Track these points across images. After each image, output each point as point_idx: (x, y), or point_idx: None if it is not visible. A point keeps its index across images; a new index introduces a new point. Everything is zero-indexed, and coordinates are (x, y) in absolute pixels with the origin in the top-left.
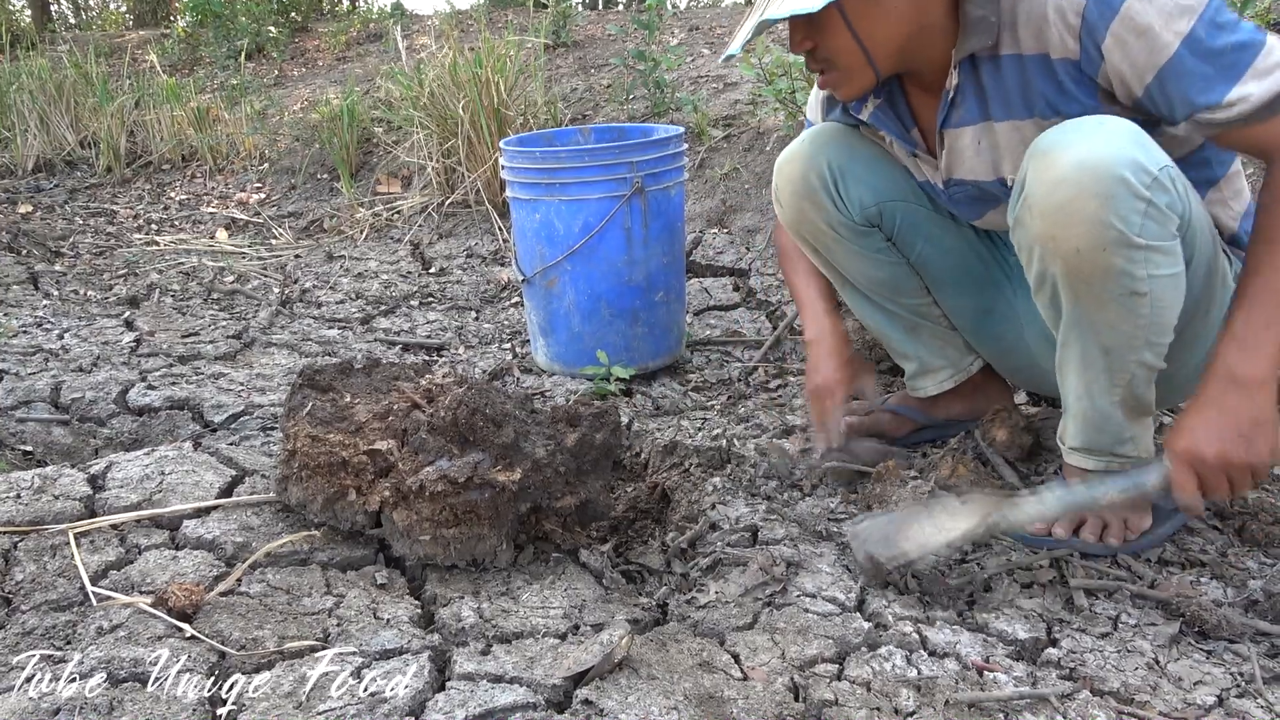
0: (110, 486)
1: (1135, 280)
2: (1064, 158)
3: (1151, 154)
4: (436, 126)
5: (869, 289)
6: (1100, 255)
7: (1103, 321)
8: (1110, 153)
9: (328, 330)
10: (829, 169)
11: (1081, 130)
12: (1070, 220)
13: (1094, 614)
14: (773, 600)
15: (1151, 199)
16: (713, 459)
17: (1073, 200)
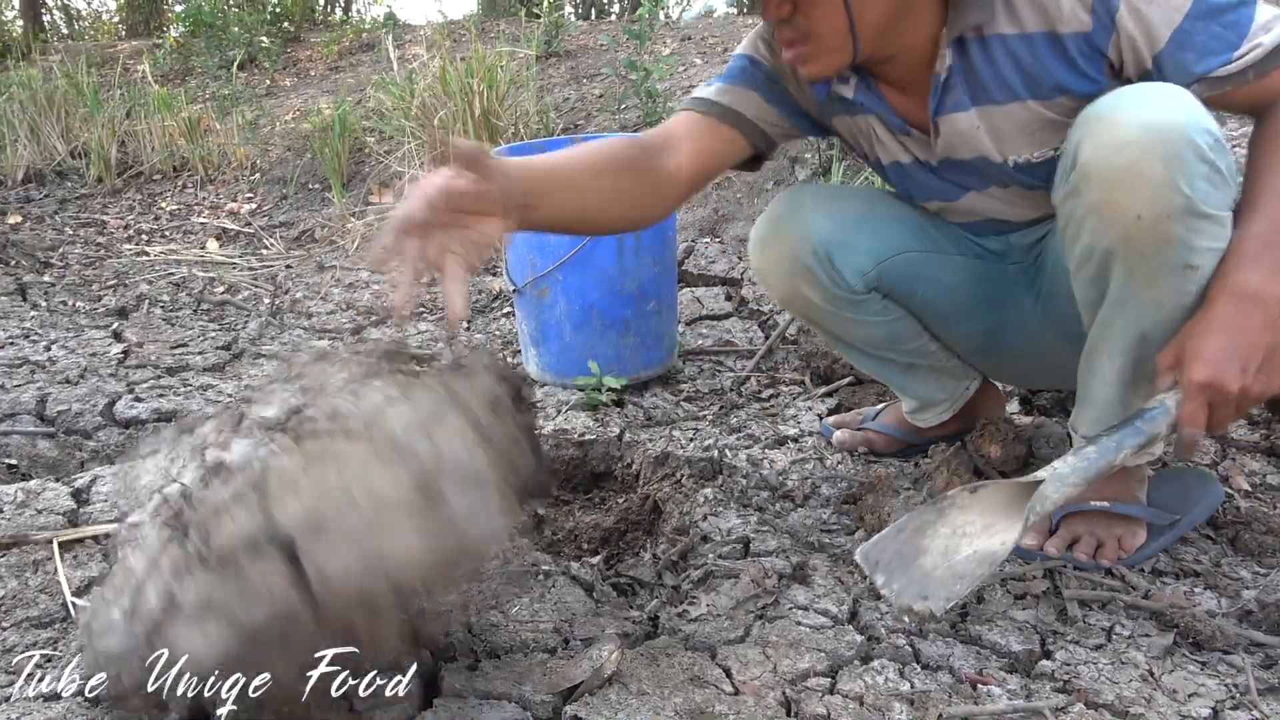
0: (95, 500)
1: (1193, 252)
2: (1126, 119)
3: (1210, 118)
4: (427, 136)
5: (865, 346)
6: (1163, 224)
7: (1150, 300)
8: (1176, 115)
9: (318, 341)
10: (820, 246)
11: (1140, 94)
12: (1134, 184)
13: (1088, 625)
14: (764, 613)
15: (1216, 162)
16: (704, 470)
17: (1136, 163)
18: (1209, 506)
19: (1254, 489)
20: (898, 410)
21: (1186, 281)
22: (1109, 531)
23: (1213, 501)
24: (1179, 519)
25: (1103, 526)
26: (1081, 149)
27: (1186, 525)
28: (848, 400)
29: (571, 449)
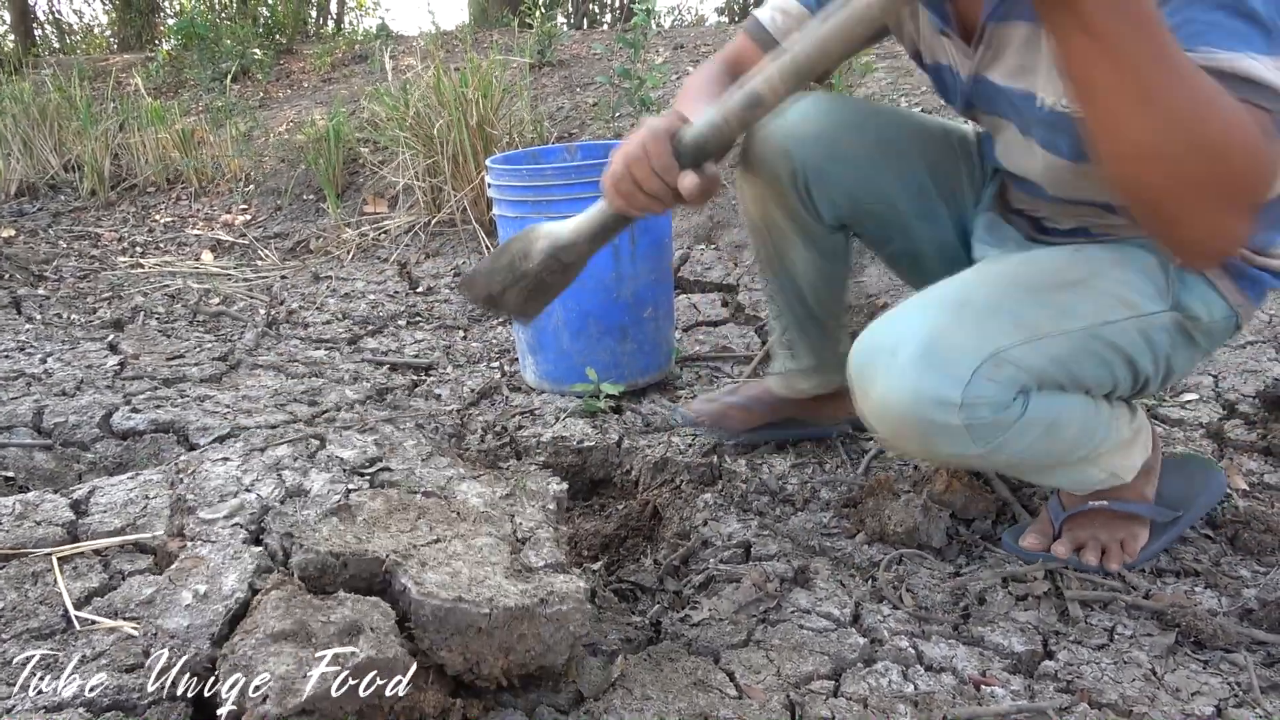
0: (93, 511)
1: (1008, 452)
2: (872, 393)
3: (952, 367)
4: (422, 146)
5: (801, 277)
6: (961, 459)
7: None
8: (907, 393)
9: (314, 351)
10: (801, 173)
11: (881, 354)
12: (912, 447)
13: (1090, 626)
14: (767, 617)
15: (966, 422)
16: (703, 475)
17: (899, 434)
18: (1213, 497)
19: (1252, 488)
20: (757, 385)
21: (1035, 452)
22: (1112, 534)
23: (1216, 492)
24: (1180, 515)
25: (1105, 528)
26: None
27: (1189, 520)
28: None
29: (570, 456)
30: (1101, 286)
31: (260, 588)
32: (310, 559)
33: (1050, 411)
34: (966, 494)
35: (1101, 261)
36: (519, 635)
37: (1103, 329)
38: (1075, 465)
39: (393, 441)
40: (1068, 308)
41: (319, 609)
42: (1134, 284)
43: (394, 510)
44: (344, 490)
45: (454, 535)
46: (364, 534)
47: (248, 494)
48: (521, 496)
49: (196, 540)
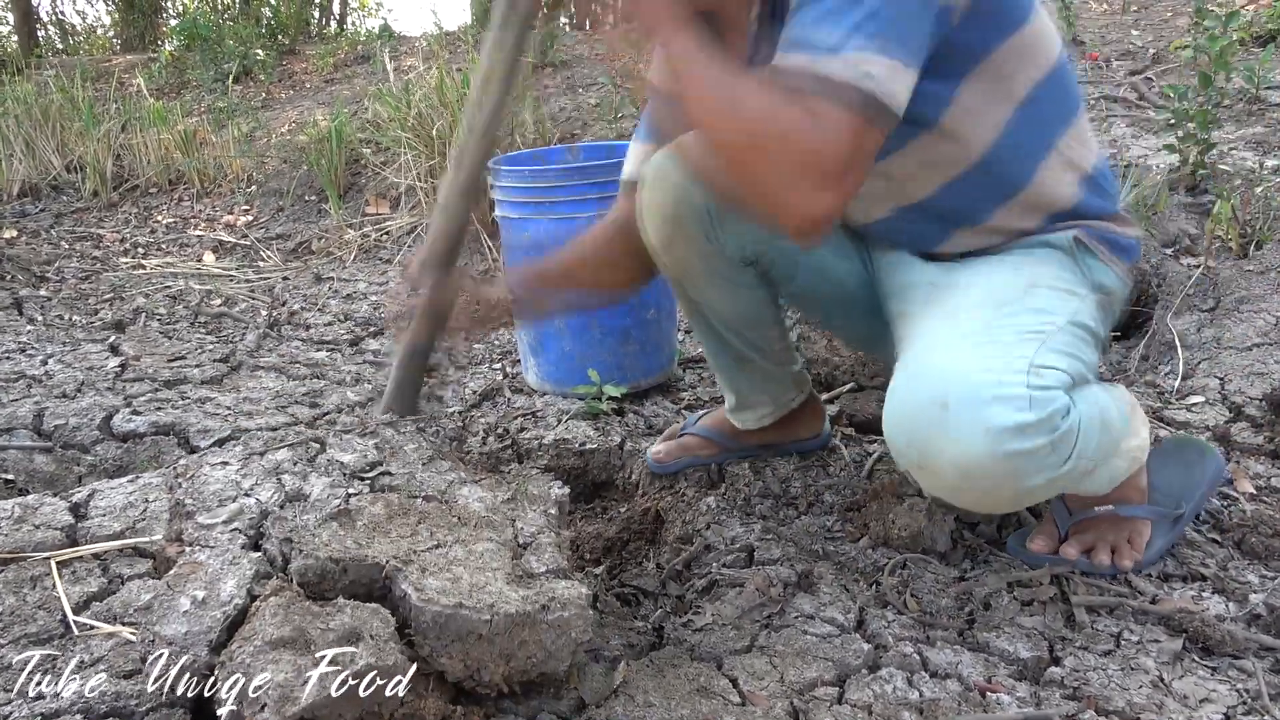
0: (93, 515)
1: (1082, 460)
2: (942, 459)
3: (1006, 389)
4: (424, 147)
5: (721, 319)
6: (1048, 488)
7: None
8: (981, 437)
9: (316, 353)
10: (710, 210)
11: (927, 418)
12: (1005, 495)
13: (1096, 631)
14: (770, 622)
15: (1049, 440)
16: (706, 479)
17: (989, 487)
18: (1214, 481)
19: (1259, 492)
20: (719, 414)
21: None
22: (1118, 535)
23: (1216, 475)
24: (1182, 510)
25: (1111, 530)
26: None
27: (1192, 512)
28: (848, 407)
29: (572, 459)
30: (1047, 284)
31: (259, 594)
32: (310, 565)
33: (1093, 402)
34: None
35: (1029, 262)
36: (520, 642)
37: (1076, 315)
38: (1110, 459)
39: (393, 445)
40: (1042, 309)
41: (318, 616)
42: (1064, 276)
43: (394, 515)
44: (344, 495)
45: (455, 540)
46: (364, 539)
47: (247, 499)
48: (523, 501)
49: (195, 545)
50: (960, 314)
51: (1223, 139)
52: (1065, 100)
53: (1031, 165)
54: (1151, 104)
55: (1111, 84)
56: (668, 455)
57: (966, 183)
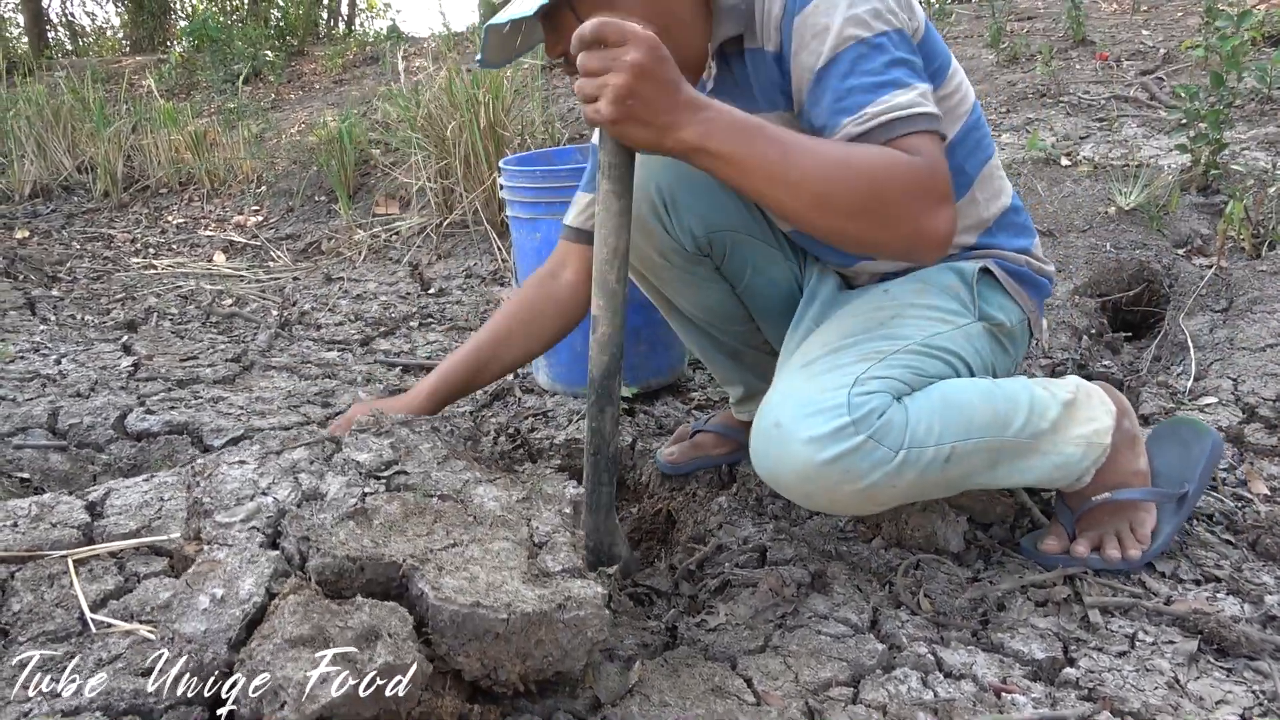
0: (109, 514)
1: (933, 447)
2: (784, 472)
3: (827, 402)
4: (434, 147)
5: (695, 315)
6: (900, 479)
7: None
8: (805, 445)
9: (327, 352)
10: (659, 194)
11: (766, 437)
12: (849, 493)
13: (1110, 632)
14: (784, 622)
15: (868, 434)
16: (716, 480)
17: (831, 488)
18: (1214, 459)
19: (1273, 493)
20: (727, 413)
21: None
22: (1121, 523)
23: (1216, 453)
24: (1186, 490)
25: (1114, 519)
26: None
27: (1198, 491)
28: None
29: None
30: (914, 313)
31: (277, 592)
32: (327, 563)
33: (933, 394)
34: (984, 499)
35: (906, 293)
36: (536, 641)
37: (933, 339)
38: (1037, 446)
39: (409, 444)
40: (895, 334)
41: (336, 614)
42: (939, 304)
43: (410, 514)
44: (360, 494)
45: (471, 540)
46: (381, 538)
47: (264, 497)
48: (538, 500)
49: (213, 544)
50: (814, 349)
51: (1235, 139)
52: (980, 148)
53: None
54: (1162, 104)
55: (1122, 84)
56: (680, 456)
57: None
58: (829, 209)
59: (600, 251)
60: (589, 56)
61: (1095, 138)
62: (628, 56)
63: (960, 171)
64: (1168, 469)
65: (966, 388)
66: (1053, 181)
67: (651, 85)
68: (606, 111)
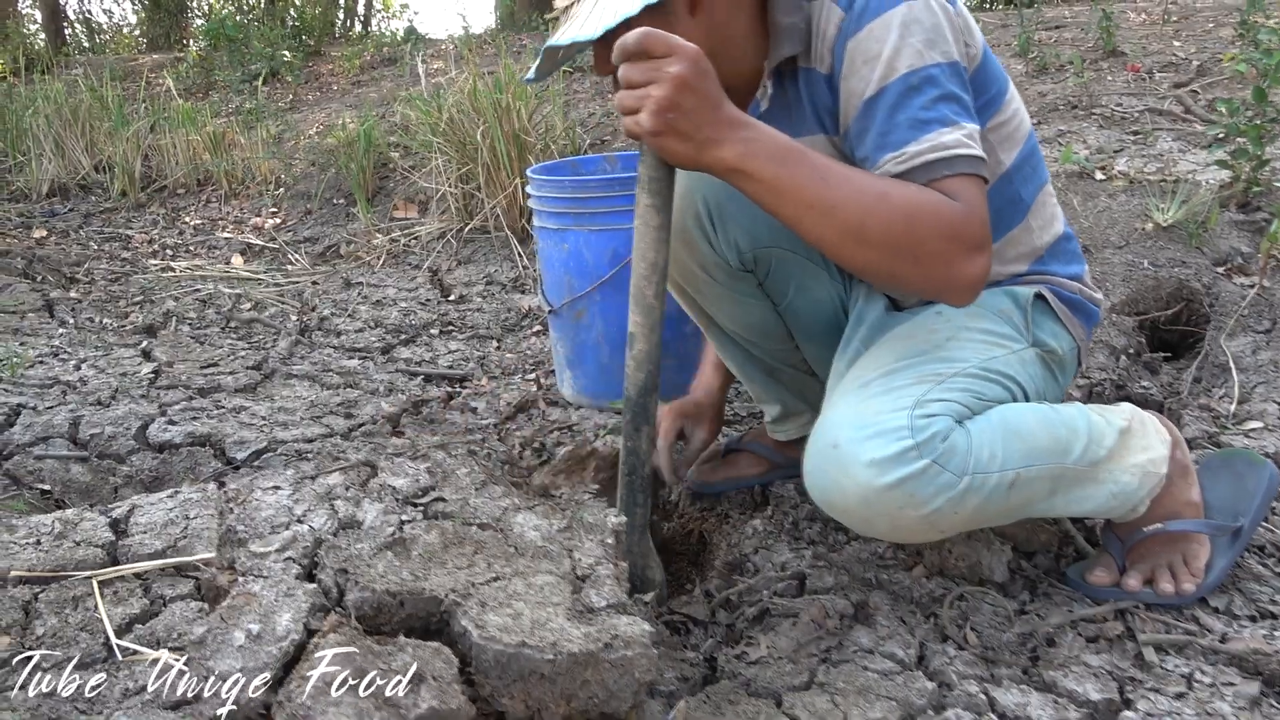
0: (133, 532)
1: (996, 473)
2: (841, 497)
3: (887, 423)
4: (455, 152)
5: (735, 332)
6: (961, 505)
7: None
8: (866, 468)
9: (348, 360)
10: (705, 207)
11: (823, 459)
12: (912, 520)
13: (1166, 672)
14: (829, 656)
15: (932, 458)
16: (749, 501)
17: (892, 514)
18: (1270, 491)
19: None
20: (760, 431)
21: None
22: (1174, 555)
23: (1271, 486)
24: (1241, 524)
25: (1166, 551)
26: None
27: (1253, 525)
28: None
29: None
30: (968, 336)
31: (316, 629)
32: (366, 598)
33: (995, 418)
34: (1027, 526)
35: (959, 316)
36: (582, 682)
37: (990, 362)
38: (1095, 474)
39: (445, 469)
40: (952, 357)
41: (379, 655)
42: (993, 329)
43: (450, 544)
44: (398, 522)
45: (513, 573)
46: (420, 570)
47: (299, 525)
48: (579, 530)
49: (248, 575)
50: (869, 371)
51: (1276, 155)
52: (1035, 174)
53: (999, 233)
54: (1198, 117)
55: (1155, 96)
56: (713, 475)
57: None
58: (863, 241)
59: (639, 267)
60: (632, 68)
61: (1130, 151)
62: (671, 69)
63: (1016, 198)
64: (1220, 501)
65: (1026, 413)
66: (1087, 196)
67: (693, 99)
68: (647, 123)
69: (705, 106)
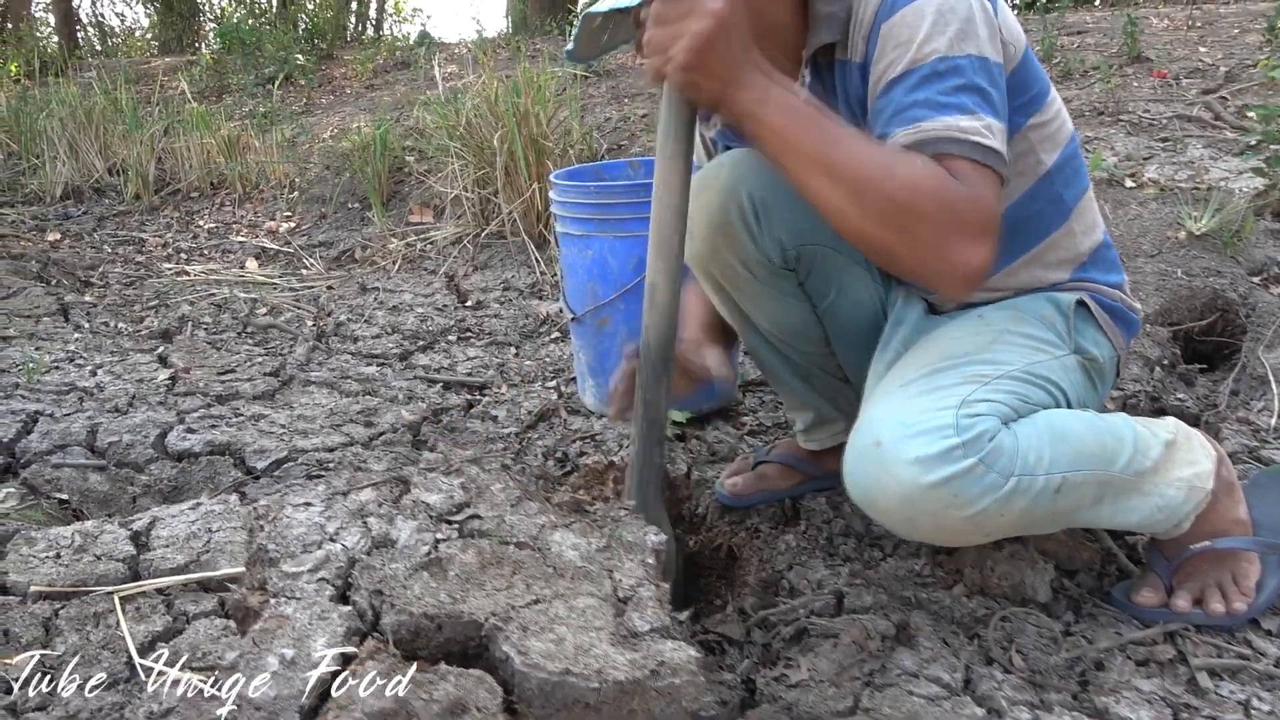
0: (155, 545)
1: (1043, 476)
2: (884, 497)
3: (933, 422)
4: (473, 157)
5: (771, 333)
6: (1008, 508)
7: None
8: (912, 467)
9: (366, 367)
10: (750, 201)
11: (866, 459)
12: (957, 521)
13: (1222, 698)
14: (872, 680)
15: (978, 457)
16: (779, 514)
17: (936, 515)
18: None
19: None
20: (790, 442)
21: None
22: (1223, 574)
23: None
24: None
25: (1215, 570)
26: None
27: None
28: None
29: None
30: (1011, 339)
31: (352, 654)
32: (403, 621)
33: (1041, 421)
34: (1069, 544)
35: (1001, 320)
36: (629, 711)
37: (1034, 366)
38: (1140, 485)
39: (479, 484)
40: (996, 359)
41: (420, 685)
42: (1036, 333)
43: (487, 564)
44: (432, 540)
45: (554, 595)
46: (458, 592)
47: (332, 544)
48: (619, 549)
49: (280, 596)
50: (911, 370)
51: None
52: (1077, 178)
53: (1041, 235)
54: (1228, 124)
55: (1183, 103)
56: (744, 487)
57: None
58: (862, 208)
59: (663, 215)
60: (668, 6)
61: (1159, 158)
62: (713, 4)
63: (1059, 200)
64: (1269, 519)
65: (1071, 418)
66: (1117, 203)
67: (729, 38)
68: (681, 58)
69: (738, 47)
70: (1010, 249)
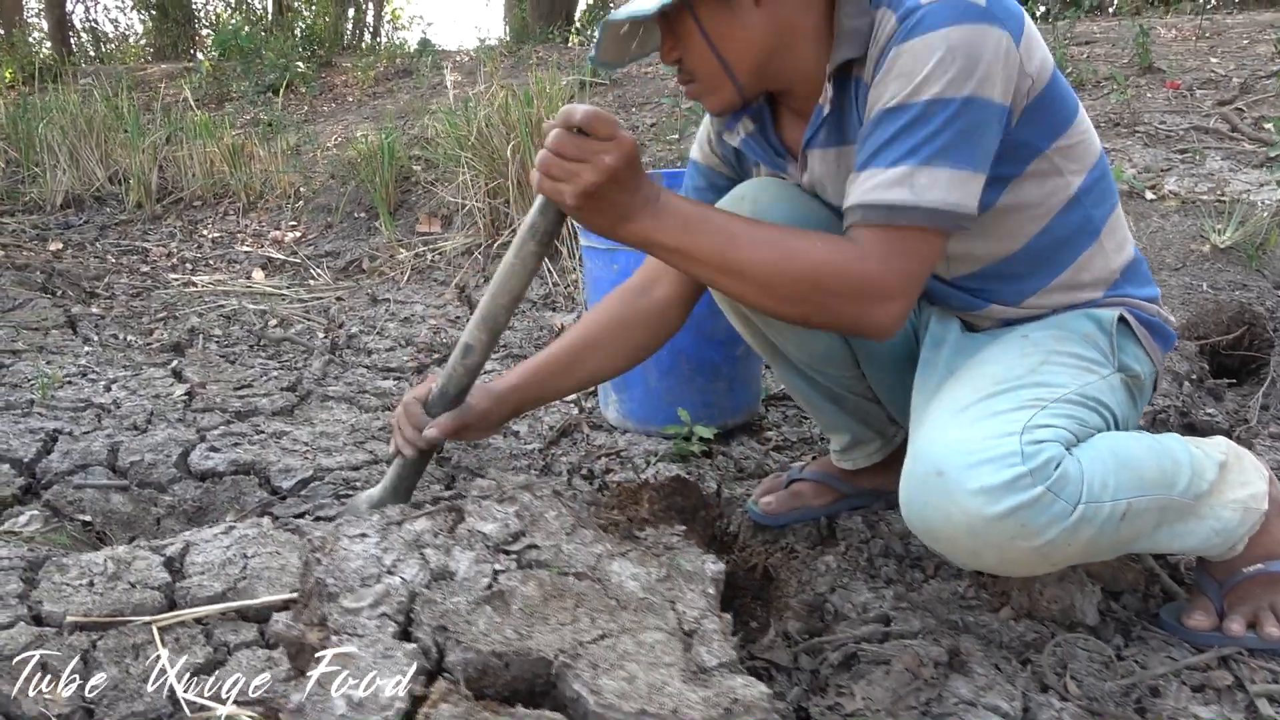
0: (190, 572)
1: (1108, 503)
2: (948, 527)
3: (998, 449)
4: (484, 166)
5: (800, 359)
6: (1074, 537)
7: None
8: (977, 496)
9: (382, 381)
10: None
11: (927, 488)
12: (1024, 553)
13: None
14: (930, 709)
15: (1046, 486)
16: (815, 534)
17: (1003, 546)
18: None
19: None
20: (825, 460)
21: (1108, 536)
22: (1278, 598)
23: None
24: None
25: (1268, 593)
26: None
27: None
28: None
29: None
30: (1059, 360)
31: (421, 695)
32: (470, 659)
33: (1100, 446)
34: (1113, 565)
35: (1046, 339)
36: None
37: (1085, 388)
38: (1197, 509)
39: (533, 512)
40: (1049, 382)
41: None
42: (1082, 353)
43: (549, 597)
44: (491, 571)
45: (620, 629)
46: (523, 627)
47: (391, 577)
48: (679, 579)
49: (342, 634)
50: (963, 395)
51: None
52: (1106, 197)
53: (1072, 255)
54: (1246, 136)
55: (1199, 114)
56: (778, 506)
57: (1011, 263)
58: (772, 296)
59: (501, 299)
60: (566, 141)
61: (1179, 170)
62: (607, 158)
63: (1088, 220)
64: None
65: (1131, 441)
66: (1139, 216)
67: (616, 188)
68: (570, 201)
69: (626, 192)
70: (1042, 272)
